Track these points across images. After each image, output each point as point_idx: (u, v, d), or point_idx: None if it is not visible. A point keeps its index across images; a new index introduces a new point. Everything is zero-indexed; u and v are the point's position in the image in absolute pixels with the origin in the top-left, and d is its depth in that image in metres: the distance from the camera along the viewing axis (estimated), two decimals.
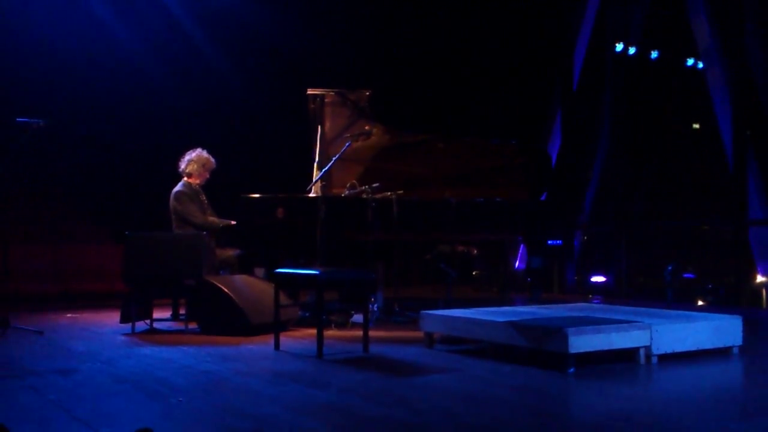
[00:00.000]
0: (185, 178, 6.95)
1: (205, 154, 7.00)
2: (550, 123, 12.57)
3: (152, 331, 6.20)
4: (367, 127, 7.19)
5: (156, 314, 6.42)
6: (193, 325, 6.16)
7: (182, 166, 6.97)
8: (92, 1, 10.70)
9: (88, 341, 5.69)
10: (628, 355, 4.64)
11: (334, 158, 6.93)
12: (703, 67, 11.57)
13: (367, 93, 7.35)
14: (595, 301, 9.09)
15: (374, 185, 6.65)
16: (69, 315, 7.49)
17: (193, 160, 6.95)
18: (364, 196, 6.60)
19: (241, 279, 6.43)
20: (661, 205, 14.21)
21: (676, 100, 14.59)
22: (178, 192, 6.83)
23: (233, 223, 6.77)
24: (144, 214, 9.07)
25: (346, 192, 6.94)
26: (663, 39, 12.84)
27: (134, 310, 6.11)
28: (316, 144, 7.33)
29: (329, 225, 6.44)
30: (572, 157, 12.36)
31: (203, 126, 10.71)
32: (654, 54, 12.60)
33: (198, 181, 6.98)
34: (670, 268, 10.24)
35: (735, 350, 5.01)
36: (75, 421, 3.30)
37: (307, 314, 6.69)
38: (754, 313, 8.31)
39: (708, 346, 4.90)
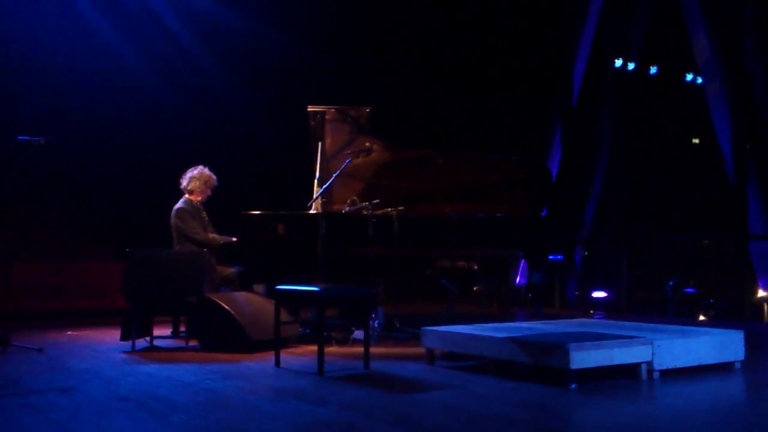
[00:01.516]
0: (186, 195, 6.96)
1: (207, 171, 7.01)
2: (550, 138, 12.59)
3: (153, 348, 6.18)
4: (367, 144, 7.21)
5: (156, 331, 6.41)
6: (193, 343, 6.15)
7: (184, 183, 6.97)
8: (93, 19, 10.76)
9: (88, 359, 5.68)
10: (630, 370, 4.63)
11: (334, 175, 6.94)
12: (702, 82, 11.60)
13: (367, 110, 7.38)
14: (597, 317, 9.07)
15: (374, 201, 6.66)
16: (69, 332, 7.47)
17: (195, 177, 6.95)
18: (365, 212, 6.61)
19: (241, 296, 6.42)
20: (662, 219, 14.21)
21: (675, 114, 14.61)
22: (179, 209, 6.84)
23: (234, 239, 6.78)
24: (145, 231, 9.07)
25: (347, 208, 6.95)
26: (662, 54, 12.88)
27: (135, 327, 6.09)
28: (316, 160, 7.34)
29: (330, 241, 6.44)
30: (573, 172, 12.37)
31: (204, 142, 10.74)
32: (653, 69, 12.64)
33: (200, 198, 6.98)
34: (671, 282, 10.22)
35: (737, 365, 5.00)
36: None
37: (308, 331, 6.68)
38: (756, 328, 8.30)
39: (710, 361, 4.89)
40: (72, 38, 10.60)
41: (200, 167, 7.02)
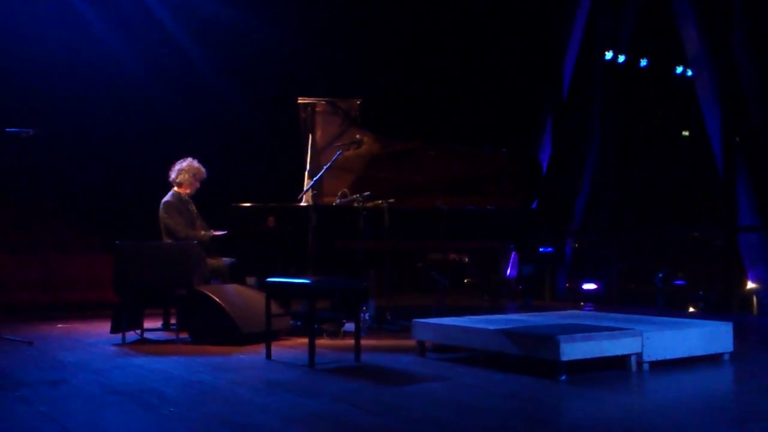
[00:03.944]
0: (175, 188, 6.93)
1: (196, 163, 6.98)
2: (540, 131, 12.60)
3: (143, 341, 6.17)
4: (357, 136, 7.20)
5: (147, 324, 6.40)
6: (184, 335, 6.13)
7: (173, 175, 6.94)
8: (84, 12, 10.70)
9: (78, 352, 5.67)
10: (620, 362, 4.65)
11: (325, 167, 6.93)
12: (692, 75, 11.62)
13: (358, 102, 7.37)
14: (587, 309, 9.10)
15: (365, 194, 6.65)
16: (59, 325, 7.45)
17: (184, 169, 6.93)
18: (355, 204, 6.60)
19: (232, 288, 6.41)
20: (652, 212, 14.25)
21: (665, 107, 14.64)
22: (166, 202, 6.81)
23: (213, 233, 6.75)
24: (135, 223, 9.05)
25: (337, 201, 6.94)
26: (652, 47, 12.90)
27: (125, 320, 6.08)
28: (306, 153, 7.33)
29: (320, 234, 6.44)
30: (563, 165, 12.38)
31: (194, 134, 10.70)
32: (643, 62, 12.66)
33: (188, 191, 6.95)
34: (660, 275, 10.24)
35: (726, 357, 5.03)
36: None
37: (299, 323, 6.68)
38: (745, 320, 8.34)
39: (699, 352, 4.92)
40: (60, 29, 10.54)
41: (189, 159, 6.99)
